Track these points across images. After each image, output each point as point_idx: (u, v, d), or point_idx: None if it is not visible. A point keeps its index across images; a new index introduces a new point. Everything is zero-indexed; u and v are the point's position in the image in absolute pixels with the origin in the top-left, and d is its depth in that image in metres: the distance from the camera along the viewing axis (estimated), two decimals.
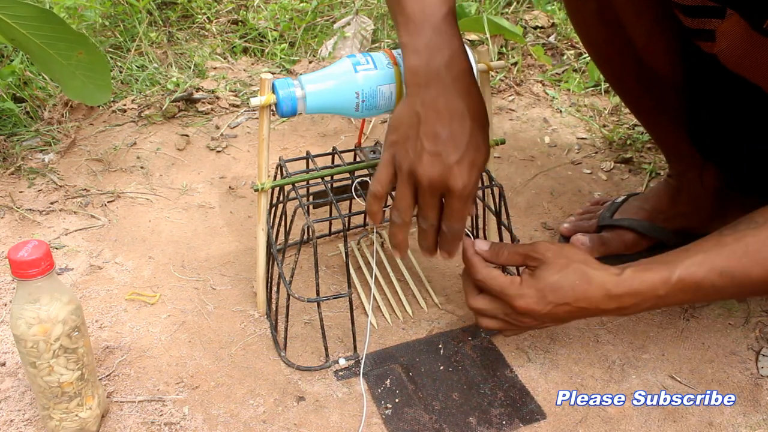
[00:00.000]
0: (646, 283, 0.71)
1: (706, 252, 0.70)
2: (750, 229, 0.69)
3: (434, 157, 0.70)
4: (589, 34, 0.98)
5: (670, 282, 0.70)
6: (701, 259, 0.70)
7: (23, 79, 1.37)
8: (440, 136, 0.69)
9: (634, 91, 1.01)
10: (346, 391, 0.84)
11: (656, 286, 0.71)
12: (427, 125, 0.70)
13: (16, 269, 0.66)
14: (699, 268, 0.70)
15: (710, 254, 0.70)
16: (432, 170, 0.70)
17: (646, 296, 0.72)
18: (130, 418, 0.80)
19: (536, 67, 1.61)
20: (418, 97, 0.70)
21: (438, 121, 0.70)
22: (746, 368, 0.88)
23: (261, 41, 1.69)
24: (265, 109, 0.82)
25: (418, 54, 0.71)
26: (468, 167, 0.71)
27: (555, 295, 0.73)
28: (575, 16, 0.98)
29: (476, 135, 0.72)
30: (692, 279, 0.70)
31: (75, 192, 1.19)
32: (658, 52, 0.92)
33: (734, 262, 0.69)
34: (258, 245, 0.90)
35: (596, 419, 0.81)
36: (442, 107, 0.70)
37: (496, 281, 0.76)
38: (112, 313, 0.95)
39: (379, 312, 0.95)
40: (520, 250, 0.78)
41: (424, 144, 0.70)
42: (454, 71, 0.71)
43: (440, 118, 0.70)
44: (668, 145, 1.06)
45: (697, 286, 0.70)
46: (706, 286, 0.70)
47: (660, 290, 0.71)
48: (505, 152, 1.33)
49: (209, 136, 1.36)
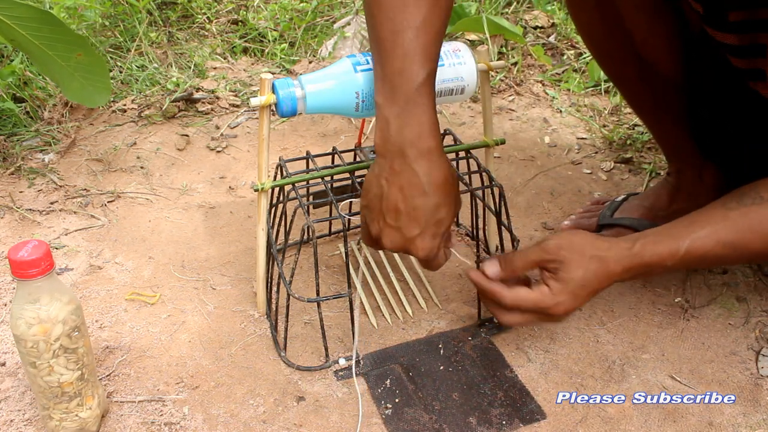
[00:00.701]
0: (656, 256, 0.75)
1: (713, 225, 0.75)
2: (755, 204, 0.73)
3: (395, 231, 0.73)
4: (590, 30, 0.98)
5: (677, 255, 0.75)
6: (708, 233, 0.74)
7: (23, 79, 1.37)
8: (401, 212, 0.72)
9: (634, 87, 1.01)
10: (346, 391, 0.84)
11: (665, 259, 0.75)
12: (389, 201, 0.72)
13: (16, 269, 0.66)
14: (705, 241, 0.74)
15: (716, 228, 0.74)
16: (393, 243, 0.74)
17: (655, 267, 0.76)
18: (130, 418, 0.80)
19: (536, 67, 1.61)
20: (384, 168, 0.72)
21: (399, 197, 0.71)
22: (746, 368, 0.88)
23: (261, 41, 1.69)
24: (265, 109, 0.82)
25: (387, 123, 0.71)
26: (429, 238, 0.74)
27: (585, 290, 0.76)
28: (575, 12, 0.99)
29: (440, 208, 0.73)
30: (698, 252, 0.75)
31: (75, 192, 1.19)
32: (657, 47, 0.92)
33: (739, 236, 0.74)
34: (258, 245, 0.90)
35: (596, 419, 0.81)
36: (404, 184, 0.71)
37: (528, 300, 0.77)
38: (112, 313, 0.95)
39: (379, 312, 0.95)
40: (532, 256, 0.78)
41: (386, 218, 0.73)
42: (421, 147, 0.71)
43: (402, 195, 0.71)
44: (668, 143, 1.06)
45: (702, 257, 0.75)
46: (710, 257, 0.75)
47: (668, 262, 0.75)
48: (505, 152, 1.33)
49: (209, 136, 1.36)
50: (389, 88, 0.71)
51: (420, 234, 0.73)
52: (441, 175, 0.72)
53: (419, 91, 0.70)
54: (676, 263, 0.75)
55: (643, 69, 0.95)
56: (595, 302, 0.98)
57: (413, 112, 0.70)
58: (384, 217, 0.73)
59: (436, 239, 0.74)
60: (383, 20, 0.70)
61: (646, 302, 0.98)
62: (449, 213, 0.74)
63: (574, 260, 0.76)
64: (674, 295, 0.99)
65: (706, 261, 0.76)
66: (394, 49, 0.70)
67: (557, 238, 0.78)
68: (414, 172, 0.71)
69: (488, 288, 0.79)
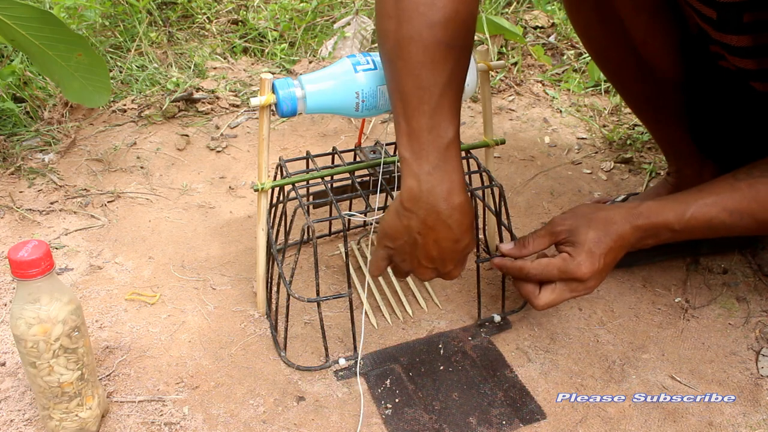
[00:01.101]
0: (662, 216, 0.78)
1: (719, 194, 0.77)
2: (764, 177, 0.76)
3: (431, 271, 0.79)
4: (588, 31, 0.98)
5: (683, 218, 0.77)
6: (714, 200, 0.77)
7: (23, 79, 1.37)
8: (435, 258, 0.76)
9: (632, 87, 1.01)
10: (346, 391, 0.84)
11: (670, 222, 0.78)
12: (424, 250, 0.76)
13: (16, 269, 0.66)
14: (711, 208, 0.77)
15: (723, 196, 0.77)
16: (428, 276, 0.79)
17: (662, 230, 0.79)
18: (130, 418, 0.80)
19: (536, 67, 1.61)
20: (414, 219, 0.74)
21: (435, 247, 0.75)
22: (746, 368, 0.88)
23: (261, 41, 1.69)
24: (265, 109, 0.82)
25: (418, 180, 0.72)
26: (460, 266, 0.80)
27: (600, 247, 0.79)
28: (574, 13, 0.98)
29: (469, 244, 0.78)
30: (704, 217, 0.77)
31: (75, 192, 1.19)
32: (656, 47, 0.92)
33: (744, 205, 0.76)
34: (258, 245, 0.90)
35: (596, 419, 0.81)
36: (439, 237, 0.75)
37: (551, 267, 0.81)
38: (112, 313, 0.95)
39: (379, 312, 0.96)
40: (542, 233, 0.84)
41: (422, 261, 0.77)
42: (452, 203, 0.73)
43: (437, 246, 0.75)
44: (667, 143, 1.06)
45: (708, 223, 0.77)
46: (715, 223, 0.77)
47: (675, 225, 0.78)
48: (505, 152, 1.33)
49: (209, 136, 1.36)
50: (417, 145, 0.72)
51: (454, 268, 0.79)
52: (469, 220, 0.76)
53: (449, 148, 0.72)
54: (682, 227, 0.77)
55: (642, 69, 0.95)
56: (595, 302, 0.98)
57: (445, 169, 0.72)
58: (419, 260, 0.77)
59: (465, 263, 0.81)
60: (407, 75, 0.71)
61: (646, 302, 0.98)
62: (473, 240, 0.79)
63: (582, 224, 0.80)
64: (674, 295, 0.99)
65: (711, 228, 0.78)
66: (420, 105, 0.71)
67: (562, 213, 0.83)
68: (448, 227, 0.74)
69: (513, 265, 0.84)
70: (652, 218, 0.78)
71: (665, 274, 1.03)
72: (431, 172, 0.72)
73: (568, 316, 0.96)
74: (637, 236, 0.80)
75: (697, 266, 1.04)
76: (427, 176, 0.72)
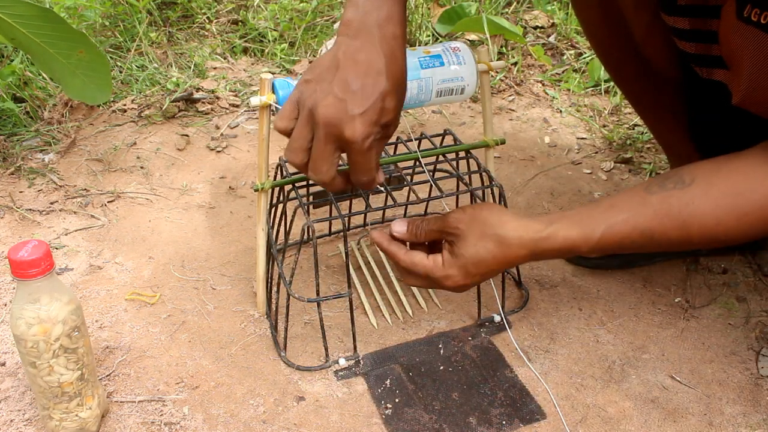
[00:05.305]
0: (569, 240, 0.72)
1: (631, 211, 0.71)
2: (676, 189, 0.70)
3: (338, 102, 0.67)
4: (591, 28, 0.99)
5: (591, 241, 0.72)
6: (625, 218, 0.71)
7: (23, 79, 1.37)
8: (350, 86, 0.67)
9: (634, 85, 1.01)
10: (346, 391, 0.84)
11: (578, 245, 0.72)
12: (341, 72, 0.68)
13: (16, 269, 0.66)
14: (621, 228, 0.71)
15: (634, 214, 0.71)
16: (331, 113, 0.67)
17: (567, 252, 0.74)
18: (130, 418, 0.80)
19: (536, 67, 1.61)
20: (343, 45, 0.69)
21: (353, 71, 0.68)
22: (746, 368, 0.88)
23: (261, 41, 1.69)
24: (265, 109, 0.82)
25: (356, 7, 0.69)
26: (369, 123, 0.68)
27: (478, 268, 0.74)
28: (579, 9, 0.99)
29: (388, 97, 0.69)
30: (614, 238, 0.71)
31: (75, 192, 1.19)
32: (657, 46, 0.92)
33: (656, 223, 0.70)
34: (258, 245, 0.90)
35: (596, 419, 0.81)
36: (362, 60, 0.68)
37: (420, 266, 0.76)
38: (112, 313, 0.95)
39: (379, 312, 0.95)
40: (435, 225, 0.77)
41: (333, 88, 0.67)
42: (385, 31, 0.69)
43: (356, 70, 0.68)
44: (668, 142, 1.06)
45: (619, 243, 0.72)
46: (626, 243, 0.72)
47: (582, 248, 0.73)
48: (505, 152, 1.33)
49: (209, 136, 1.36)
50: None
51: (362, 113, 0.67)
52: (399, 67, 0.70)
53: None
54: (590, 249, 0.73)
55: (643, 67, 0.96)
56: (595, 302, 0.98)
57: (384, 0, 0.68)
58: (332, 86, 0.67)
59: (374, 128, 0.69)
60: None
61: (646, 302, 0.98)
62: (395, 109, 0.70)
63: (471, 237, 0.74)
64: (674, 295, 0.99)
65: (623, 247, 0.73)
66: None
67: (462, 211, 0.76)
68: (376, 51, 0.68)
69: (387, 248, 0.79)
70: (558, 243, 0.72)
71: (665, 274, 1.03)
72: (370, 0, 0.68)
73: (568, 316, 0.96)
74: (533, 259, 0.75)
75: (697, 266, 1.04)
76: (365, 2, 0.68)
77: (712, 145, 1.01)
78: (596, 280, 1.01)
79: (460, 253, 0.74)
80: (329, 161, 0.70)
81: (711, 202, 0.69)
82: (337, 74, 0.68)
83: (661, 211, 0.70)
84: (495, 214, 0.75)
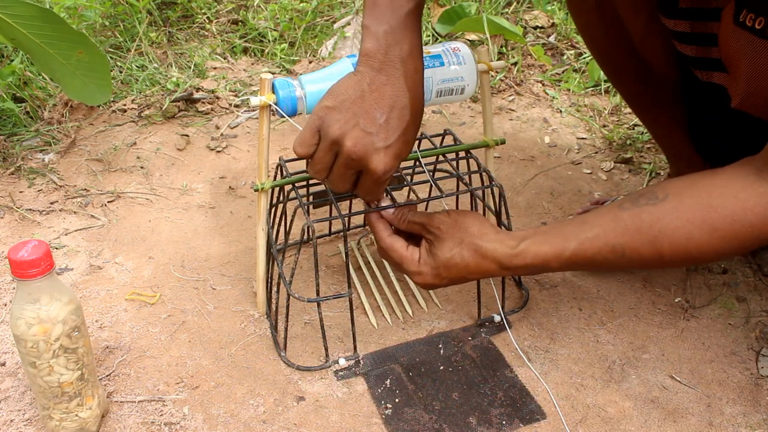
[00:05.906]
0: (540, 257, 0.73)
1: (602, 227, 0.71)
2: (648, 205, 0.70)
3: (365, 136, 0.70)
4: (589, 30, 0.99)
5: (563, 258, 0.72)
6: (596, 234, 0.71)
7: (23, 79, 1.37)
8: (377, 120, 0.70)
9: (632, 87, 1.01)
10: (346, 391, 0.84)
11: (549, 261, 0.73)
12: (368, 105, 0.70)
13: (16, 269, 0.66)
14: (593, 243, 0.71)
15: (605, 230, 0.71)
16: (357, 145, 0.70)
17: (538, 268, 0.75)
18: (130, 418, 0.80)
19: (536, 67, 1.61)
20: (367, 76, 0.70)
21: (380, 105, 0.70)
22: (746, 368, 0.88)
23: (261, 41, 1.69)
24: (265, 109, 0.82)
25: (377, 40, 0.70)
26: (392, 156, 0.71)
27: (449, 272, 0.75)
28: (575, 13, 0.99)
29: (410, 130, 0.72)
30: (585, 255, 0.72)
31: (75, 192, 1.19)
32: (655, 48, 0.92)
33: (627, 239, 0.70)
34: (258, 245, 0.90)
35: (596, 419, 0.81)
36: (388, 94, 0.70)
37: (397, 254, 0.78)
38: (112, 313, 0.95)
39: (379, 312, 0.96)
40: (419, 219, 0.78)
41: (359, 121, 0.70)
42: (408, 66, 0.71)
43: (383, 104, 0.70)
44: (667, 144, 1.06)
45: (590, 260, 0.72)
46: (598, 260, 0.72)
47: (553, 264, 0.73)
48: (505, 152, 1.33)
49: (209, 136, 1.36)
50: (378, 12, 0.70)
51: (386, 147, 0.71)
52: (421, 101, 0.72)
53: (409, 16, 0.71)
54: (562, 265, 0.73)
55: (642, 69, 0.96)
56: (595, 302, 0.98)
57: (404, 32, 0.70)
58: (358, 119, 0.70)
59: (396, 161, 0.72)
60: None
61: (646, 302, 0.98)
62: (413, 140, 0.74)
63: (449, 241, 0.75)
64: (674, 295, 0.99)
65: (595, 265, 0.73)
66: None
67: (447, 214, 0.77)
68: (401, 86, 0.70)
69: (374, 224, 0.80)
70: (528, 259, 0.73)
71: (665, 274, 1.03)
72: (390, 33, 0.70)
73: (568, 316, 0.96)
74: (505, 273, 0.76)
75: (697, 266, 1.04)
76: (386, 35, 0.70)
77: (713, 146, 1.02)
78: (596, 280, 1.01)
79: (436, 254, 0.76)
80: (349, 182, 0.74)
81: (682, 217, 0.68)
82: (363, 106, 0.70)
83: (632, 226, 0.69)
84: (477, 224, 0.76)
